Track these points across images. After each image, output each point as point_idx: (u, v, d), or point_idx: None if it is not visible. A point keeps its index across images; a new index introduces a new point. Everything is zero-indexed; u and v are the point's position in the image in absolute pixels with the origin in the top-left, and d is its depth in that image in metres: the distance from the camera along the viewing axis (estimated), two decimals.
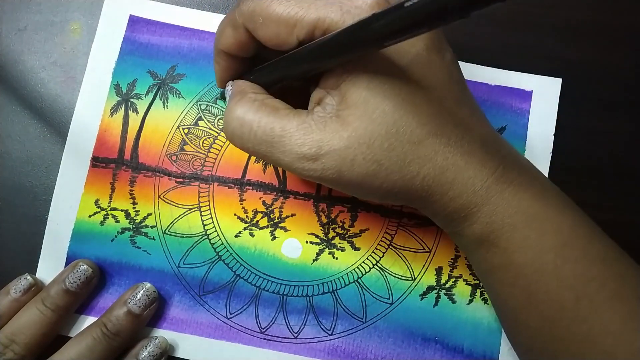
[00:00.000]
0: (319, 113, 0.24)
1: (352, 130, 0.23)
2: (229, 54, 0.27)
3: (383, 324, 0.33)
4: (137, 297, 0.31)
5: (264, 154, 0.25)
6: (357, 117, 0.23)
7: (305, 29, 0.23)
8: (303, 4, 0.23)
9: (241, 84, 0.27)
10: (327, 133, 0.23)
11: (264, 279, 0.33)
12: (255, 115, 0.25)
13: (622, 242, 0.26)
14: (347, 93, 0.23)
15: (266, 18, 0.23)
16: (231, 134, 0.25)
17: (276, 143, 0.24)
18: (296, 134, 0.24)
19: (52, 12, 0.35)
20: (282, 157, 0.24)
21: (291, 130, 0.24)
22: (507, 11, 0.36)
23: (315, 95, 0.25)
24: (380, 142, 0.23)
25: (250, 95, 0.26)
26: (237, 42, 0.26)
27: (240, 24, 0.25)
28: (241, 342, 0.32)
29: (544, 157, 0.34)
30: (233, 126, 0.25)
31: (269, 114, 0.24)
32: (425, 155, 0.24)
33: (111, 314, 0.30)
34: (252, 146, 0.25)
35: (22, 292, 0.31)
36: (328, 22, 0.22)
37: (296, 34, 0.23)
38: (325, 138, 0.23)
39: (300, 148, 0.24)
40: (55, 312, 0.30)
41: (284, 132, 0.24)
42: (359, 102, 0.23)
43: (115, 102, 0.34)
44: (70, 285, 0.30)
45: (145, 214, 0.33)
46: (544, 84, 0.35)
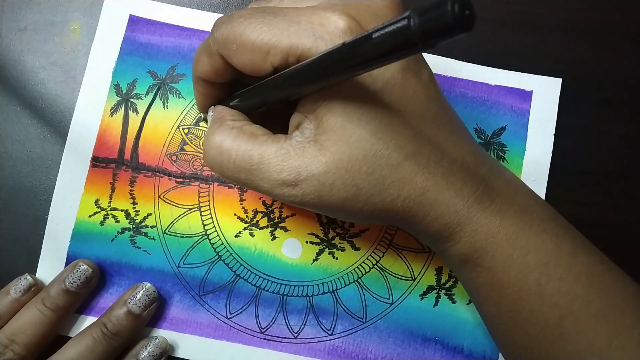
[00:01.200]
0: (297, 138, 0.24)
1: (330, 155, 0.23)
2: (206, 81, 0.27)
3: (383, 324, 0.33)
4: (137, 297, 0.31)
5: (243, 181, 0.25)
6: (334, 142, 0.23)
7: (279, 55, 0.23)
8: (276, 30, 0.23)
9: (220, 111, 0.27)
10: (306, 158, 0.23)
11: (264, 279, 0.33)
12: (233, 142, 0.25)
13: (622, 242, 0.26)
14: (324, 118, 0.23)
15: (239, 45, 0.23)
16: (210, 162, 0.25)
17: (255, 170, 0.24)
18: (274, 160, 0.24)
19: (52, 12, 0.35)
20: (261, 184, 0.24)
21: (269, 157, 0.24)
22: (507, 11, 0.36)
23: (294, 119, 0.25)
24: (358, 167, 0.23)
25: (228, 122, 0.26)
26: (213, 69, 0.26)
27: (214, 52, 0.25)
28: (241, 342, 0.32)
29: (544, 157, 0.34)
30: (212, 154, 0.25)
31: (247, 140, 0.24)
32: (404, 177, 0.24)
33: (111, 314, 0.30)
34: (231, 174, 0.25)
35: (22, 292, 0.31)
36: (301, 48, 0.22)
37: (270, 60, 0.23)
38: (303, 164, 0.23)
39: (279, 175, 0.24)
40: (55, 312, 0.30)
41: (262, 159, 0.24)
42: (335, 127, 0.23)
43: (115, 102, 0.34)
44: (70, 285, 0.30)
45: (145, 214, 0.33)
46: (544, 84, 0.35)
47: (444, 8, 0.15)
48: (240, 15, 0.24)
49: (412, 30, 0.16)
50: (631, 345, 0.24)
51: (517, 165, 0.34)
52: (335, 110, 0.23)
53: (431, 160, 0.24)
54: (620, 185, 0.35)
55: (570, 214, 0.26)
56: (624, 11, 0.36)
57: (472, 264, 0.25)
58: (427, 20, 0.15)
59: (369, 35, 0.18)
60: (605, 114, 0.35)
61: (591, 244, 0.26)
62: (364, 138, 0.23)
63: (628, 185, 0.35)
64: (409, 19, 0.16)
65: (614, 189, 0.35)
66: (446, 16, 0.15)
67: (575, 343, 0.24)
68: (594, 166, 0.35)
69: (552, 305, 0.24)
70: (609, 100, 0.35)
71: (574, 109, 0.35)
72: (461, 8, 0.15)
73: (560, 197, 0.27)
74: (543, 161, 0.34)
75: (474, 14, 0.15)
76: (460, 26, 0.15)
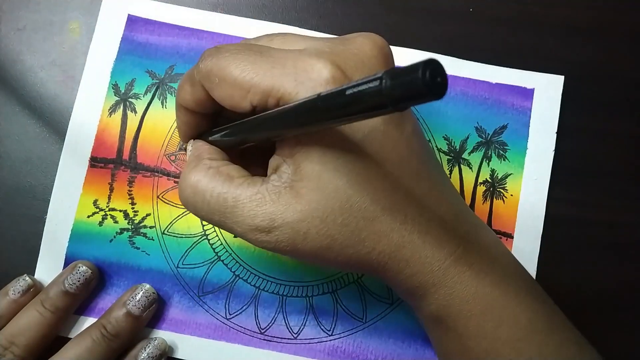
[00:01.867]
0: (274, 182, 0.23)
1: (305, 203, 0.23)
2: (188, 110, 0.27)
3: (383, 324, 0.32)
4: (137, 298, 0.31)
5: (217, 223, 0.24)
6: (310, 189, 0.22)
7: (258, 95, 0.22)
8: (259, 70, 0.22)
9: (199, 147, 0.27)
10: (280, 205, 0.23)
11: (264, 279, 0.33)
12: (209, 183, 0.24)
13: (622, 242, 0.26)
14: (301, 164, 0.23)
15: (222, 79, 0.23)
16: (185, 201, 0.25)
17: (229, 213, 0.23)
18: (249, 204, 0.23)
19: (50, 12, 0.35)
20: (235, 227, 0.24)
21: (244, 201, 0.23)
22: (507, 11, 0.36)
23: (273, 161, 0.24)
24: (333, 217, 0.23)
25: (205, 161, 0.25)
26: (195, 98, 0.25)
27: (197, 82, 0.25)
28: (241, 342, 0.32)
29: (546, 156, 0.34)
30: (187, 194, 0.25)
31: (223, 182, 0.24)
32: (380, 231, 0.23)
33: (110, 316, 0.30)
34: (205, 214, 0.24)
35: (20, 293, 0.31)
36: (282, 91, 0.22)
37: (250, 99, 0.23)
38: (278, 210, 0.23)
39: (252, 220, 0.23)
40: (54, 313, 0.30)
41: (237, 203, 0.23)
42: (312, 176, 0.22)
43: (113, 102, 0.34)
44: (70, 287, 0.30)
45: (144, 215, 0.33)
46: (546, 81, 0.35)
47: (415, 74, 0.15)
48: (227, 49, 0.24)
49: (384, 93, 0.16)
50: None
51: (518, 164, 0.34)
52: (313, 158, 0.22)
53: (408, 217, 0.23)
54: (620, 185, 0.34)
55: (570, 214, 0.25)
56: (625, 11, 0.36)
57: (445, 327, 0.25)
58: (398, 84, 0.15)
59: (342, 91, 0.18)
60: (606, 114, 0.35)
61: (566, 318, 0.26)
62: (340, 189, 0.22)
63: (628, 185, 0.34)
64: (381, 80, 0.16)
65: (614, 189, 0.34)
66: (417, 82, 0.15)
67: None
68: (595, 166, 0.34)
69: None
70: (609, 100, 0.35)
71: (574, 109, 0.35)
72: (432, 75, 0.14)
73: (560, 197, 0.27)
74: (545, 160, 0.34)
75: (445, 82, 0.15)
76: (431, 93, 0.15)
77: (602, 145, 0.35)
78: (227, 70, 0.23)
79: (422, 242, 0.24)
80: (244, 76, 0.23)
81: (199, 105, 0.26)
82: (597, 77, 0.35)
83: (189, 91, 0.26)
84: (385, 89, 0.16)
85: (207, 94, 0.25)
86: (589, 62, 0.35)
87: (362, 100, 0.17)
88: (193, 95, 0.25)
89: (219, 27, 0.35)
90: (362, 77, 0.17)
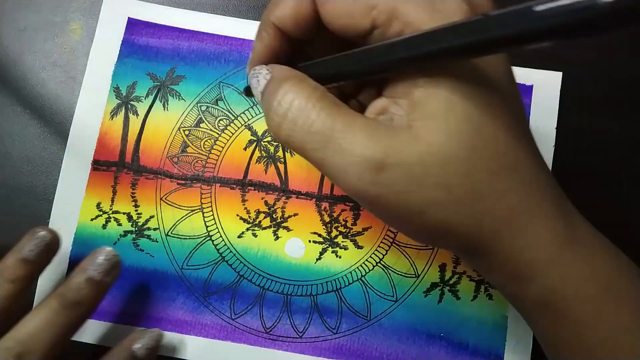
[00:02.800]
0: (385, 122, 0.20)
1: (425, 145, 0.19)
2: (279, 29, 0.23)
3: (388, 322, 0.33)
4: (97, 262, 0.28)
5: (309, 152, 0.20)
6: (433, 131, 0.19)
7: (385, 14, 0.20)
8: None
9: (290, 69, 0.22)
10: (398, 142, 0.19)
11: (268, 279, 0.33)
12: (316, 102, 0.20)
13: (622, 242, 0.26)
14: (422, 102, 0.19)
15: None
16: (279, 121, 0.21)
17: (334, 139, 0.20)
18: (360, 133, 0.19)
19: (52, 12, 0.35)
20: (335, 159, 0.20)
21: (358, 126, 0.20)
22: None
23: (378, 104, 0.21)
24: (455, 165, 0.19)
25: (309, 81, 0.21)
26: (297, 14, 0.22)
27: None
28: (246, 342, 0.32)
29: (546, 152, 0.34)
30: (283, 110, 0.20)
31: (332, 105, 0.20)
32: (501, 189, 0.20)
33: (70, 283, 0.28)
34: (300, 140, 0.20)
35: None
36: (413, 16, 0.19)
37: (373, 16, 0.20)
38: (394, 145, 0.19)
39: (364, 149, 0.19)
40: (14, 283, 0.27)
41: (348, 129, 0.20)
42: (436, 114, 0.19)
43: (115, 105, 0.34)
44: (30, 253, 0.28)
45: (148, 217, 0.33)
46: (544, 78, 0.35)
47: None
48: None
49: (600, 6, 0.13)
50: None
51: None
52: (439, 95, 0.19)
53: (526, 178, 0.21)
54: (620, 185, 0.34)
55: None
56: None
57: (555, 313, 0.22)
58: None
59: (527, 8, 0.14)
60: (605, 113, 0.35)
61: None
62: (466, 133, 0.19)
63: (628, 185, 0.34)
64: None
65: (614, 189, 0.34)
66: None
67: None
68: (594, 166, 0.34)
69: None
70: (609, 100, 0.35)
71: (574, 108, 0.35)
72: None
73: None
74: (545, 155, 0.34)
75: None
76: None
77: (600, 145, 0.35)
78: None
79: (539, 210, 0.21)
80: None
81: (297, 23, 0.22)
82: (596, 78, 0.35)
83: (290, 4, 0.22)
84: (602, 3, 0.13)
85: (314, 10, 0.22)
86: (588, 62, 0.35)
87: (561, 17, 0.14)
88: (296, 10, 0.22)
89: (220, 28, 0.35)
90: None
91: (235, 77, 0.35)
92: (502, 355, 0.32)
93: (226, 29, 0.35)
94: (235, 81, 0.34)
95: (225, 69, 0.35)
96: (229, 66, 0.35)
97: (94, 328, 0.32)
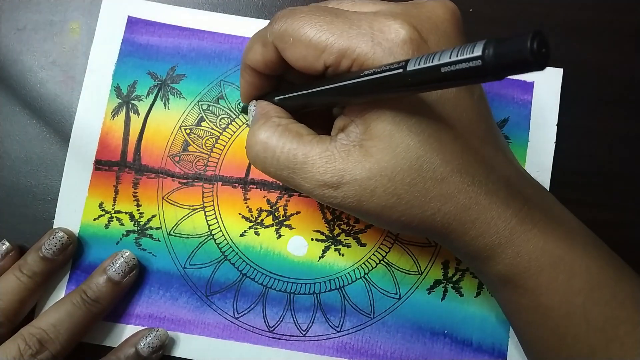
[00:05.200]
0: (342, 141, 0.24)
1: (374, 162, 0.23)
2: (254, 70, 0.27)
3: (391, 319, 0.33)
4: (117, 264, 0.31)
5: (285, 178, 0.25)
6: (381, 149, 0.23)
7: (333, 55, 0.23)
8: (335, 30, 0.23)
9: (265, 106, 0.27)
10: (350, 162, 0.23)
11: (271, 277, 0.33)
12: (278, 140, 0.25)
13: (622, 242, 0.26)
14: (372, 124, 0.23)
15: (296, 39, 0.23)
16: (254, 158, 0.26)
17: (298, 169, 0.24)
18: (319, 161, 0.24)
19: (51, 12, 0.35)
20: (303, 183, 0.24)
21: (314, 157, 0.24)
22: (506, 10, 0.36)
23: (339, 122, 0.25)
24: (402, 177, 0.23)
25: (274, 119, 0.26)
26: (265, 59, 0.26)
27: (270, 42, 0.25)
28: (249, 341, 0.32)
29: (547, 148, 0.34)
30: (256, 150, 0.25)
31: (292, 139, 0.25)
32: (447, 192, 0.23)
33: (91, 282, 0.30)
34: (274, 171, 0.25)
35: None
36: (358, 52, 0.22)
37: (324, 59, 0.23)
38: (347, 167, 0.23)
39: (322, 176, 0.24)
40: (32, 278, 0.30)
41: (307, 159, 0.24)
42: (383, 135, 0.23)
43: (116, 105, 0.34)
44: (47, 252, 0.31)
45: (150, 216, 0.33)
46: (546, 74, 0.35)
47: (524, 43, 0.15)
48: (302, 10, 0.24)
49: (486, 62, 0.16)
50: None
51: (520, 157, 0.34)
52: (385, 118, 0.23)
53: (476, 178, 0.24)
54: (620, 185, 0.34)
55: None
56: (624, 11, 0.36)
57: (513, 285, 0.25)
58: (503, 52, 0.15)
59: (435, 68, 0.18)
60: (605, 113, 0.35)
61: (632, 270, 0.26)
62: (411, 149, 0.23)
63: (628, 185, 0.34)
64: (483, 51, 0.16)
65: (614, 189, 0.34)
66: (524, 52, 0.15)
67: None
68: (594, 166, 0.34)
69: (598, 330, 0.24)
70: (609, 99, 0.35)
71: (574, 108, 0.35)
72: (539, 45, 0.15)
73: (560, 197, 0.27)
74: (546, 152, 0.34)
75: (549, 54, 0.15)
76: (537, 63, 0.15)
77: (600, 145, 0.35)
78: (302, 31, 0.23)
79: (489, 203, 0.24)
80: (320, 36, 0.23)
81: (267, 66, 0.26)
82: (596, 77, 0.35)
83: (259, 51, 0.26)
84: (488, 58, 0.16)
85: (278, 55, 0.25)
86: (588, 62, 0.35)
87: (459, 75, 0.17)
88: (263, 56, 0.26)
89: (220, 27, 0.35)
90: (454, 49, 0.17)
91: (236, 76, 0.34)
92: (506, 352, 0.32)
93: (226, 27, 0.35)
94: (236, 79, 0.34)
95: (226, 67, 0.35)
96: (229, 64, 0.35)
97: (97, 328, 0.32)
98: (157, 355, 0.31)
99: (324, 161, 0.24)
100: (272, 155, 0.25)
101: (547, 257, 0.24)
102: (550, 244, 0.24)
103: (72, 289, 0.31)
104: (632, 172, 0.35)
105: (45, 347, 0.28)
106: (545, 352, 0.26)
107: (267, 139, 0.25)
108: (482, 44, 0.16)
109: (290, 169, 0.24)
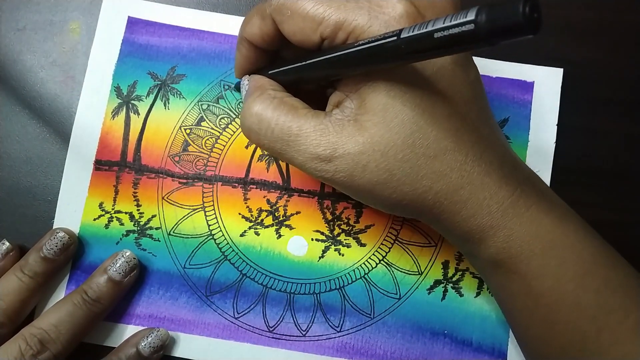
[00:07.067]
0: (337, 115, 0.24)
1: (368, 136, 0.23)
2: (251, 44, 0.27)
3: (391, 319, 0.33)
4: (117, 264, 0.31)
5: (278, 151, 0.25)
6: (375, 123, 0.23)
7: (330, 27, 0.23)
8: (332, 3, 0.23)
9: (259, 80, 0.27)
10: (343, 136, 0.23)
11: (271, 277, 0.33)
12: (273, 112, 0.25)
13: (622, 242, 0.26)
14: (367, 98, 0.23)
15: (294, 12, 0.24)
16: (248, 130, 0.26)
17: (292, 142, 0.24)
18: (312, 134, 0.24)
19: (51, 12, 0.35)
20: (296, 156, 0.24)
21: (308, 130, 0.24)
22: None
23: (334, 97, 0.25)
24: (394, 152, 0.23)
25: (269, 92, 0.26)
26: (262, 32, 0.26)
27: (268, 15, 0.25)
28: (249, 341, 0.32)
29: (547, 147, 0.34)
30: (250, 122, 0.25)
31: (287, 112, 0.24)
32: (439, 170, 0.23)
33: (92, 281, 0.30)
34: (267, 143, 0.25)
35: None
36: (354, 25, 0.23)
37: (320, 31, 0.23)
38: (340, 141, 0.23)
39: (315, 148, 0.24)
40: (33, 278, 0.30)
41: (301, 132, 0.24)
42: (377, 109, 0.23)
43: (116, 105, 0.34)
44: (48, 252, 0.31)
45: (150, 216, 0.33)
46: (546, 74, 0.35)
47: (516, 8, 0.15)
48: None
49: (479, 26, 0.16)
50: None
51: (520, 156, 0.34)
52: (380, 92, 0.23)
53: (469, 157, 0.24)
54: (620, 185, 0.34)
55: None
56: (624, 11, 0.36)
57: (505, 269, 0.25)
58: (496, 18, 0.16)
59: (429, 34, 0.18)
60: (605, 113, 0.35)
61: (624, 259, 0.26)
62: (405, 124, 0.23)
63: (628, 185, 0.34)
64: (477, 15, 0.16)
65: (614, 189, 0.34)
66: (517, 16, 0.15)
67: (612, 357, 0.24)
68: (594, 166, 0.34)
69: (590, 318, 0.24)
70: (609, 99, 0.35)
71: (574, 108, 0.35)
72: (532, 9, 0.15)
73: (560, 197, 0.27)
74: (546, 151, 0.34)
75: (541, 19, 0.15)
76: (529, 27, 0.15)
77: (600, 145, 0.35)
78: (300, 3, 0.24)
79: (481, 184, 0.24)
80: (317, 9, 0.23)
81: (264, 40, 0.26)
82: (596, 77, 0.35)
83: (257, 24, 0.26)
84: (481, 23, 0.16)
85: (276, 29, 0.25)
86: (588, 62, 0.35)
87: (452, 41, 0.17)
88: (261, 29, 0.26)
89: (220, 27, 0.35)
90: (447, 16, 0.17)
91: None
92: (506, 352, 0.32)
93: (227, 27, 0.35)
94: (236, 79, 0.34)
95: (226, 67, 0.35)
96: (229, 64, 0.35)
97: (97, 328, 0.32)
98: (158, 355, 0.31)
99: (317, 134, 0.24)
100: (266, 127, 0.25)
101: (539, 241, 0.24)
102: (542, 228, 0.24)
103: (72, 289, 0.31)
104: (632, 172, 0.35)
105: (46, 347, 0.28)
106: (537, 339, 0.26)
107: (262, 111, 0.25)
108: (475, 9, 0.16)
109: (284, 141, 0.24)
